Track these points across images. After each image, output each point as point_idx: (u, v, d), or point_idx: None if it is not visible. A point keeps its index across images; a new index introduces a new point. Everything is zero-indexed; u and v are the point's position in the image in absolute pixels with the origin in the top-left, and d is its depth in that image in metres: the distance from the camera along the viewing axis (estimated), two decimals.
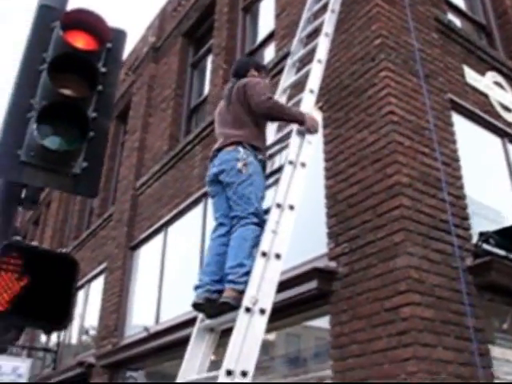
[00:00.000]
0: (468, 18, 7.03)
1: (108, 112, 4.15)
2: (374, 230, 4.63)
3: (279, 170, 4.35)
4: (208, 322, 3.91)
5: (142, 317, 8.19)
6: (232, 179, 4.03)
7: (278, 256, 3.75)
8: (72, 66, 3.77)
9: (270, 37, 7.55)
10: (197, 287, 3.91)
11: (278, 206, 3.94)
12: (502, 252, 4.88)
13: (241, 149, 4.10)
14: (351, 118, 5.25)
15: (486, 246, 4.82)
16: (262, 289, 3.60)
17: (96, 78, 3.86)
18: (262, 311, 3.50)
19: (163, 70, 9.93)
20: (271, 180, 4.41)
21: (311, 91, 4.72)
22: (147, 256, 8.60)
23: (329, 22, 5.28)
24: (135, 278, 8.73)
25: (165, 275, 7.88)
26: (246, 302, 3.48)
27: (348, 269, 4.76)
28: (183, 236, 7.70)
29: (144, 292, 8.35)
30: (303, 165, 4.22)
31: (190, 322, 6.66)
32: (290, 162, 4.17)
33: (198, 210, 7.50)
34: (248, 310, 3.47)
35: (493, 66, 6.46)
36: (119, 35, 4.30)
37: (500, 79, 6.45)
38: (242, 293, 3.56)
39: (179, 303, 7.25)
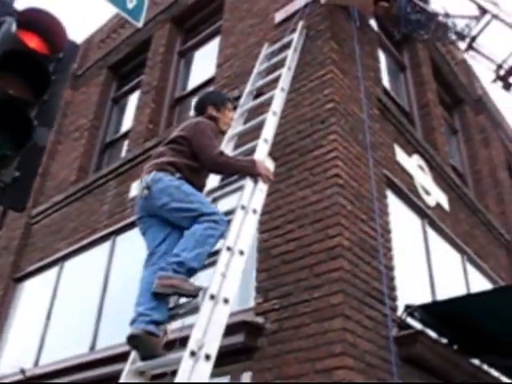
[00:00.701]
0: (396, 102, 7.40)
1: (50, 123, 3.88)
2: (309, 289, 4.55)
3: (227, 213, 4.21)
4: (140, 364, 3.59)
5: (18, 356, 7.44)
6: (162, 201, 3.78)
7: (226, 300, 3.54)
8: (21, 66, 3.50)
9: (206, 83, 7.50)
10: (132, 322, 3.58)
11: (228, 249, 3.77)
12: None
13: (153, 173, 3.85)
14: (293, 176, 5.23)
15: (409, 320, 4.91)
16: (208, 332, 3.37)
17: (47, 84, 3.61)
18: (208, 357, 3.25)
19: (80, 99, 9.51)
20: None
21: (265, 140, 4.65)
22: (34, 290, 7.91)
23: (285, 78, 5.32)
24: (15, 313, 7.97)
25: (53, 314, 7.25)
26: (192, 345, 3.23)
27: (277, 326, 4.62)
28: (82, 273, 7.19)
29: (25, 329, 7.62)
30: (255, 211, 4.10)
31: (74, 369, 6.22)
32: (243, 207, 4.04)
33: (103, 248, 7.06)
34: (193, 353, 3.21)
35: (417, 149, 6.81)
36: (72, 47, 4.11)
37: (422, 163, 6.80)
38: (169, 278, 3.47)
39: (65, 346, 6.70)
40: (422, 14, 6.06)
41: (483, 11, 6.27)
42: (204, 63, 8.00)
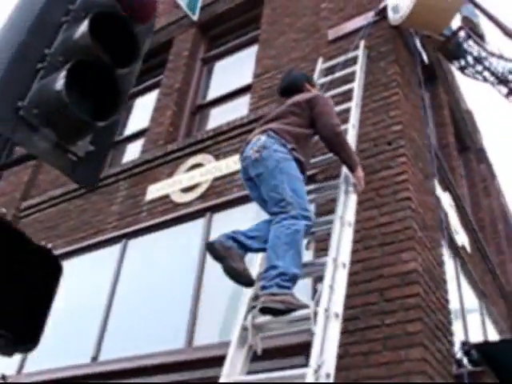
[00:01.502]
0: None
1: (125, 102, 3.52)
2: (379, 315, 4.28)
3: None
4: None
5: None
6: (258, 170, 3.74)
7: (336, 315, 3.28)
8: (114, 32, 3.19)
9: (237, 92, 7.23)
10: None
11: (334, 260, 3.53)
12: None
13: (263, 136, 3.82)
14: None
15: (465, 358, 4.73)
16: (325, 350, 3.09)
17: (138, 55, 3.34)
18: (328, 375, 2.97)
19: None
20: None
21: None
22: None
23: (358, 93, 5.15)
24: None
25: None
26: (313, 364, 2.95)
27: (342, 351, 4.30)
28: (83, 276, 6.63)
29: None
30: (350, 224, 3.90)
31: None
32: (341, 218, 3.84)
33: (110, 252, 6.55)
34: (315, 371, 2.93)
35: (448, 187, 6.73)
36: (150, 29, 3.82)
37: (451, 201, 6.72)
38: (275, 295, 3.25)
39: (59, 354, 6.11)
40: (479, 52, 6.05)
41: None
42: (230, 73, 7.75)
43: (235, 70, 7.71)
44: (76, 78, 2.83)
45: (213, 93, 7.81)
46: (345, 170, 4.22)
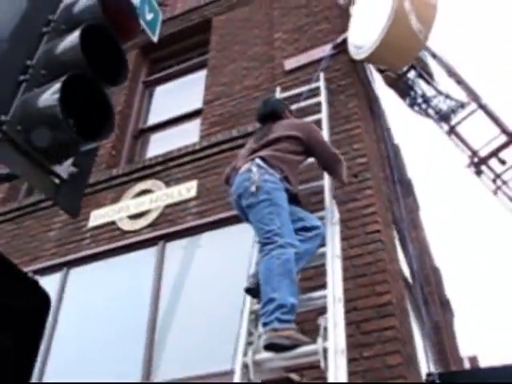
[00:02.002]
0: None
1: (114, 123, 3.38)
2: (357, 347, 4.26)
3: None
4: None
5: None
6: (248, 202, 3.74)
7: (342, 351, 3.21)
8: (102, 47, 3.09)
9: (185, 117, 7.08)
10: None
11: (333, 294, 3.49)
12: None
13: (253, 167, 3.79)
14: None
15: None
16: None
17: (126, 71, 3.27)
18: None
19: None
20: None
21: None
22: None
23: (325, 123, 5.16)
24: None
25: None
26: None
27: None
28: None
29: None
30: (338, 257, 3.88)
31: None
32: (332, 251, 3.82)
33: (49, 281, 6.11)
34: None
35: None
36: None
37: None
38: (278, 330, 3.18)
39: None
40: (428, 90, 6.29)
41: (472, 99, 6.67)
42: (174, 98, 7.59)
43: (180, 95, 7.56)
44: (67, 93, 2.63)
45: (155, 117, 7.61)
46: (329, 200, 4.21)
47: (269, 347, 3.20)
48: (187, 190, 5.95)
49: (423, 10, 4.92)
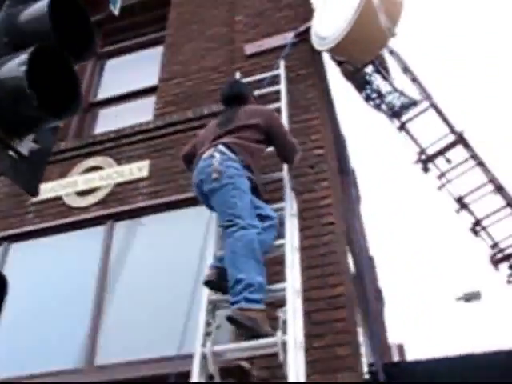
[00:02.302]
0: None
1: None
2: (308, 338, 4.30)
3: None
4: None
5: None
6: (211, 186, 3.74)
7: (301, 344, 3.26)
8: (69, 18, 2.98)
9: (138, 93, 6.91)
10: None
11: (292, 287, 3.51)
12: None
13: (216, 154, 3.78)
14: None
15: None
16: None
17: (94, 46, 3.19)
18: None
19: None
20: None
21: None
22: None
23: (284, 112, 5.14)
24: None
25: None
26: None
27: (267, 373, 4.25)
28: None
29: None
30: (297, 249, 3.91)
31: None
32: (291, 243, 3.83)
33: None
34: None
35: None
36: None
37: None
38: (242, 309, 3.22)
39: None
40: (384, 86, 6.38)
41: (425, 97, 6.82)
42: (128, 73, 7.38)
43: (133, 70, 7.36)
44: (33, 66, 2.51)
45: (106, 92, 7.38)
46: (288, 192, 4.21)
47: (230, 319, 3.23)
48: (138, 169, 5.82)
49: (390, 6, 4.96)
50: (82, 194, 5.88)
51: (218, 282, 3.54)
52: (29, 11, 2.83)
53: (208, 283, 3.61)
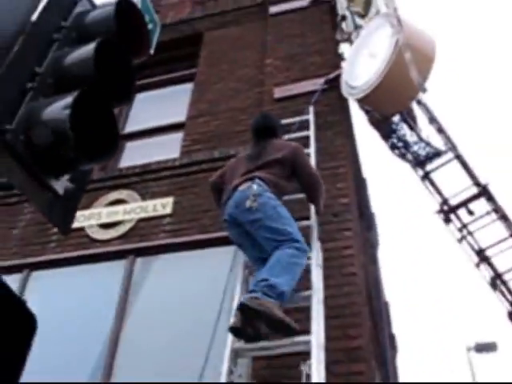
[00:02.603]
0: None
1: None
2: None
3: None
4: None
5: None
6: (255, 216, 3.86)
7: None
8: (113, 63, 3.06)
9: (164, 129, 7.01)
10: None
11: (317, 340, 3.52)
12: None
13: (254, 186, 3.96)
14: None
15: None
16: None
17: (133, 92, 3.27)
18: None
19: None
20: None
21: None
22: None
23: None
24: None
25: None
26: None
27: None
28: None
29: None
30: (322, 302, 3.91)
31: None
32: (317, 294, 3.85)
33: (8, 282, 5.90)
34: None
35: None
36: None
37: None
38: (257, 299, 3.39)
39: None
40: (410, 136, 6.41)
41: (450, 148, 6.83)
42: (157, 107, 7.49)
43: (162, 105, 7.46)
44: (76, 109, 2.57)
45: (134, 125, 7.48)
46: (315, 241, 4.22)
47: (241, 306, 3.42)
48: (162, 205, 5.87)
49: (422, 61, 5.02)
50: (104, 226, 5.92)
51: (243, 327, 3.53)
52: (75, 54, 2.91)
53: (233, 329, 3.61)
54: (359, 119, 7.14)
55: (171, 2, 8.39)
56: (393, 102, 5.44)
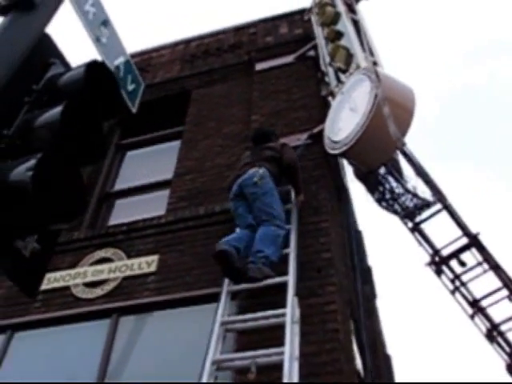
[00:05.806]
0: None
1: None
2: None
3: None
4: None
5: None
6: (254, 190, 5.14)
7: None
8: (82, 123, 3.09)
9: (152, 186, 7.03)
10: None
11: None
12: None
13: (260, 170, 5.26)
14: None
15: None
16: None
17: (104, 151, 3.32)
18: None
19: None
20: None
21: None
22: None
23: (294, 214, 5.17)
24: None
25: None
26: None
27: None
28: None
29: None
30: (296, 359, 3.88)
31: None
32: (290, 351, 3.77)
33: None
34: None
35: None
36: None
37: None
38: (260, 269, 4.56)
39: None
40: (396, 187, 6.39)
41: (438, 199, 6.78)
42: (145, 165, 7.56)
43: (150, 163, 7.53)
44: (40, 171, 2.57)
45: (123, 183, 7.53)
46: (291, 298, 4.16)
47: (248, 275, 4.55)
48: (147, 264, 5.84)
49: (401, 115, 5.06)
50: (90, 285, 5.88)
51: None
52: (43, 117, 2.95)
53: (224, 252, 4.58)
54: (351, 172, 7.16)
55: (161, 61, 8.56)
56: (375, 155, 5.46)
